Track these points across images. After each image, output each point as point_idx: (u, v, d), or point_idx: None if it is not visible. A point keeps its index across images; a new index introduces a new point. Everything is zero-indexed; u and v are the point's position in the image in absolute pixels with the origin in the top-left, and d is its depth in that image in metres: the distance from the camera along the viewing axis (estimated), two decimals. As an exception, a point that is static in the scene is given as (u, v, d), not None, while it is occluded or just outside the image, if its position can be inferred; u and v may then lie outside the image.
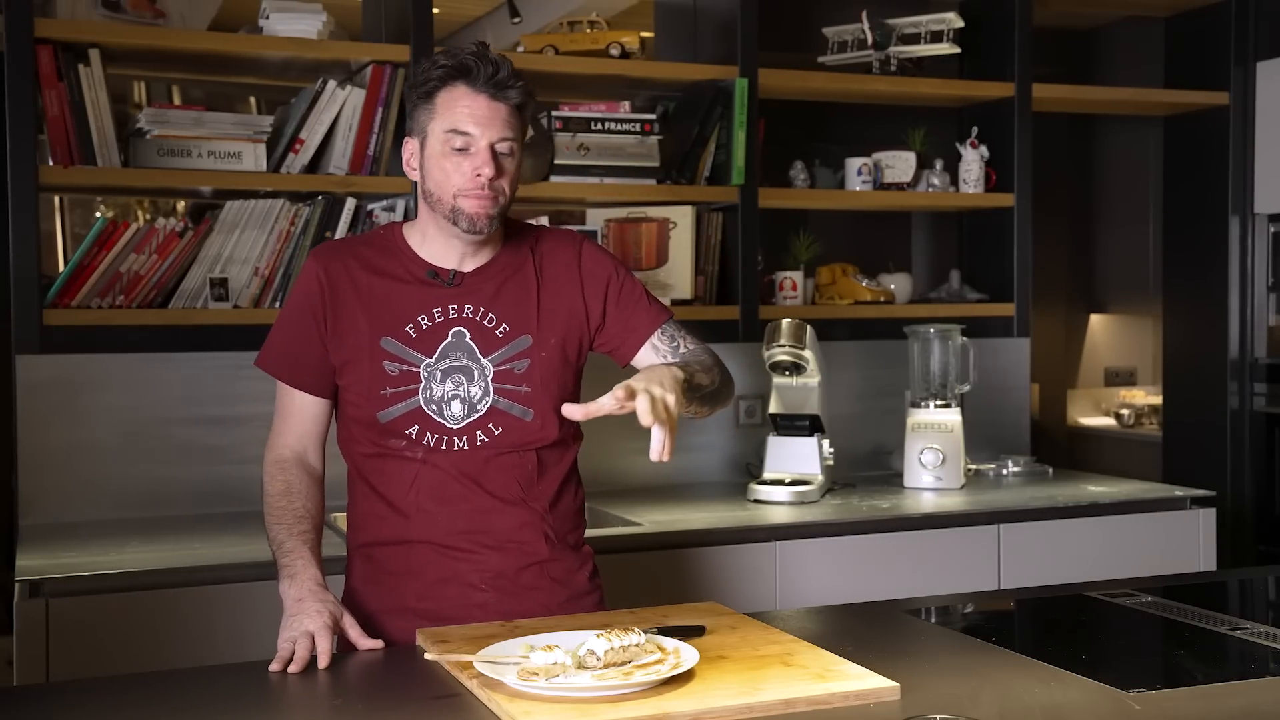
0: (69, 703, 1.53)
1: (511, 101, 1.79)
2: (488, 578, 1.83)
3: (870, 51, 3.52)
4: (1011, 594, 2.33)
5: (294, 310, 1.89)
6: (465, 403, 1.83)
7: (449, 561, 1.83)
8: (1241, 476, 3.95)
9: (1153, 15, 4.18)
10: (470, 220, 1.79)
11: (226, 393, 2.91)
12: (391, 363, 1.82)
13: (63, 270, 2.84)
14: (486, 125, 1.77)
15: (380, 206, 3.07)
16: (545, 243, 1.93)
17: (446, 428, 1.82)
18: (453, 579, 1.83)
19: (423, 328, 1.84)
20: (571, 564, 1.90)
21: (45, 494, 2.77)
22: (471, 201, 1.78)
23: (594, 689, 1.40)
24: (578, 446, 1.95)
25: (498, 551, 1.84)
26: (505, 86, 1.78)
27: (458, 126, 1.77)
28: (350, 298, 1.85)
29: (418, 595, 1.83)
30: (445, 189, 1.79)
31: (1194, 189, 4.07)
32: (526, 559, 1.85)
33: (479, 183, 1.77)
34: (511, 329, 1.85)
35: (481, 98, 1.77)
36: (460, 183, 1.78)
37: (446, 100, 1.78)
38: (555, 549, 1.88)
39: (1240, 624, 1.79)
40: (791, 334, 3.05)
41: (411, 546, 1.84)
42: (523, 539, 1.85)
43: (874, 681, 1.47)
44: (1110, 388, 5.21)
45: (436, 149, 1.79)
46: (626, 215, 3.28)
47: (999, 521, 2.93)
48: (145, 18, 2.89)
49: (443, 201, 1.80)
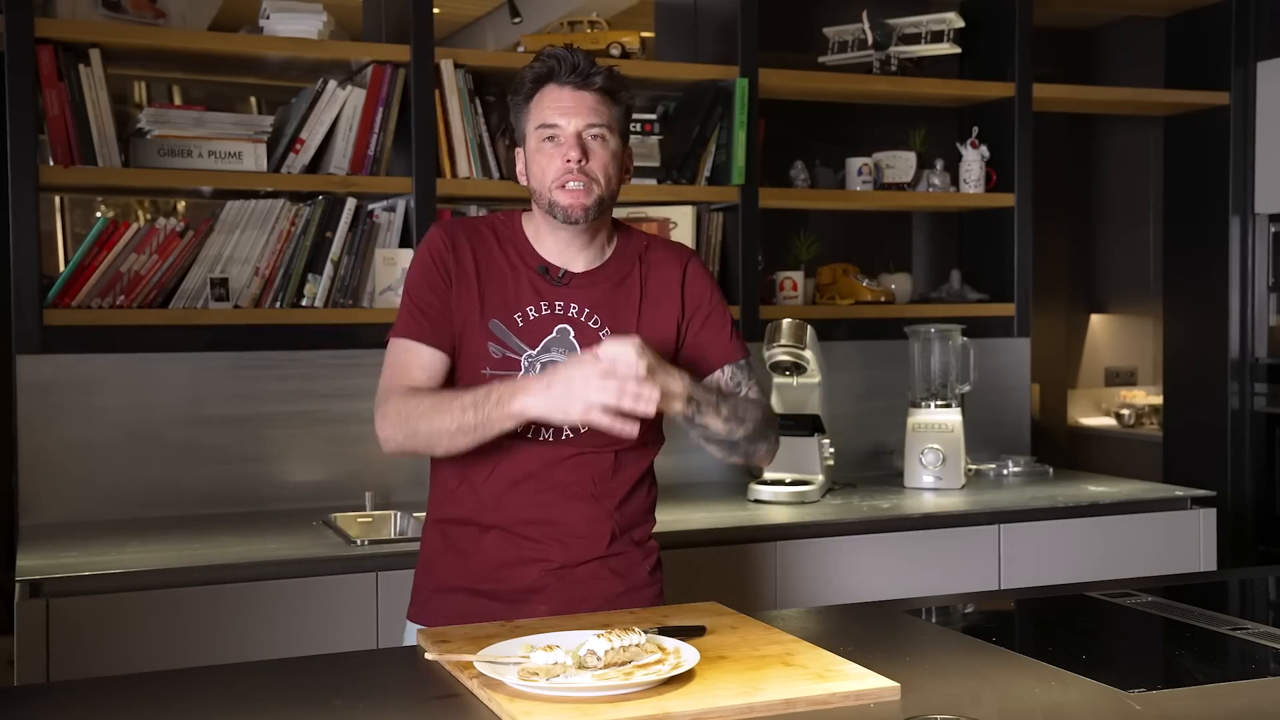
0: (69, 703, 1.53)
1: (595, 87, 1.85)
2: (552, 567, 1.87)
3: (871, 51, 3.52)
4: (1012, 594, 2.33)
5: (421, 273, 1.89)
6: None
7: (516, 548, 1.87)
8: (1242, 476, 3.95)
9: (1153, 15, 4.18)
10: (566, 211, 1.84)
11: (227, 393, 2.91)
12: (496, 345, 1.87)
13: (63, 270, 2.84)
14: (572, 114, 1.84)
15: (381, 206, 3.07)
16: (655, 252, 1.98)
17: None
18: (517, 564, 1.87)
19: (530, 318, 1.88)
20: (634, 558, 1.94)
21: (46, 494, 2.77)
22: (565, 194, 1.83)
23: (594, 689, 1.40)
24: (657, 449, 1.99)
25: (563, 543, 1.88)
26: (588, 74, 1.84)
27: (546, 119, 1.84)
28: (469, 271, 1.88)
29: (483, 577, 1.88)
30: (543, 183, 1.85)
31: (1194, 189, 4.07)
32: (590, 552, 1.89)
33: (569, 168, 1.82)
34: (613, 332, 1.89)
35: (566, 90, 1.84)
36: (554, 173, 1.84)
37: (538, 101, 1.86)
38: (618, 544, 1.92)
39: (1241, 624, 1.79)
40: (792, 334, 3.05)
41: (484, 530, 1.88)
42: (589, 533, 1.89)
43: (874, 681, 1.47)
44: (1111, 388, 5.21)
45: (533, 146, 1.87)
46: (627, 215, 3.28)
47: (999, 521, 2.93)
48: (146, 18, 2.89)
49: (542, 195, 1.86)
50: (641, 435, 1.87)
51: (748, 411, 1.91)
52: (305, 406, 2.96)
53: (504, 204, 3.04)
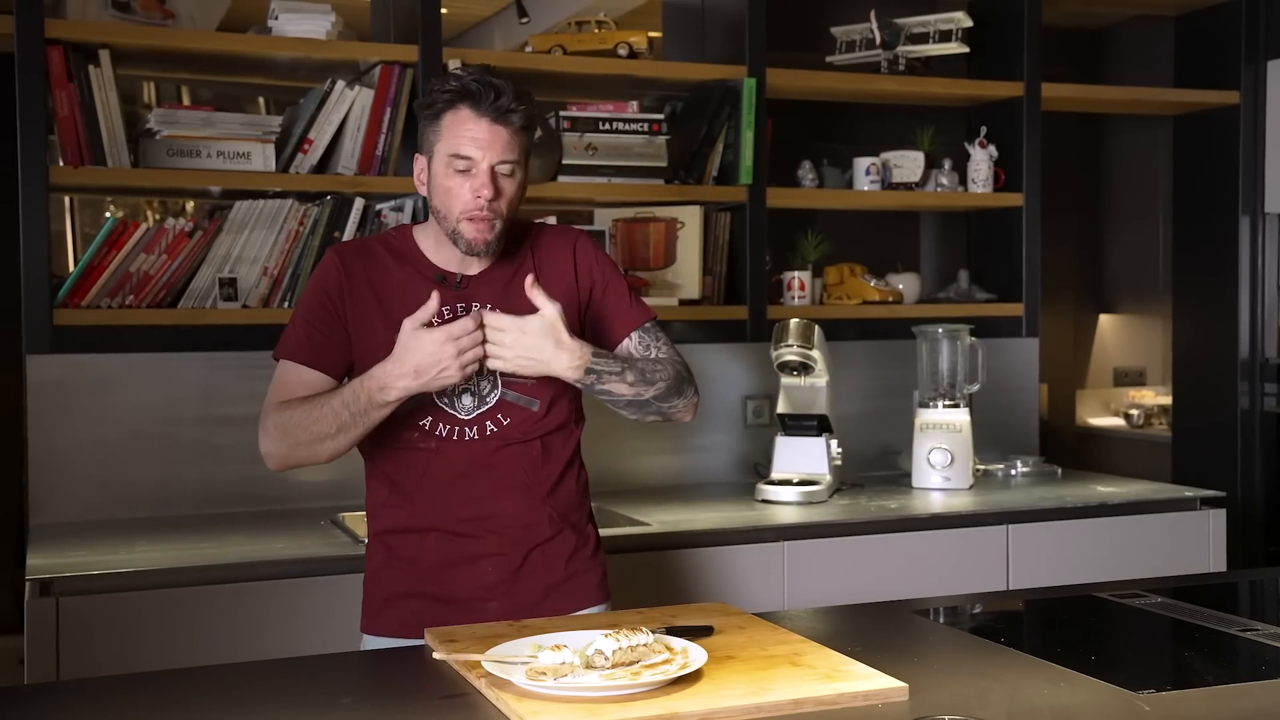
0: (79, 701, 1.53)
1: (514, 126, 1.86)
2: (493, 560, 1.91)
3: (878, 51, 3.52)
4: (1020, 594, 2.33)
5: (313, 298, 1.94)
6: (475, 395, 1.91)
7: (457, 546, 1.91)
8: (1252, 477, 3.94)
9: (1162, 14, 4.17)
10: (469, 244, 1.87)
11: (236, 392, 2.91)
12: None
13: (73, 270, 2.84)
14: (487, 149, 1.84)
15: (389, 206, 3.07)
16: (543, 239, 2.01)
17: (458, 419, 1.90)
18: (460, 562, 1.91)
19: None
20: (573, 542, 1.97)
21: (55, 493, 2.78)
22: (471, 226, 1.86)
23: (602, 689, 1.40)
24: (580, 430, 2.02)
25: (502, 535, 1.92)
26: (507, 111, 1.85)
27: (460, 150, 1.85)
28: (367, 294, 1.92)
29: (428, 579, 1.92)
30: (449, 210, 1.87)
31: (1204, 188, 4.06)
32: (530, 541, 1.93)
33: (479, 204, 1.84)
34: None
35: (484, 122, 1.84)
36: (462, 205, 1.85)
37: (451, 123, 1.85)
38: (556, 529, 1.95)
39: (1251, 625, 1.79)
40: (799, 334, 3.05)
41: (423, 534, 1.92)
42: (526, 522, 1.93)
43: (882, 682, 1.46)
44: (1119, 388, 5.19)
45: (440, 170, 1.87)
46: (634, 215, 3.29)
47: (1008, 522, 2.93)
48: (155, 18, 2.90)
49: (447, 220, 1.88)
50: (561, 415, 1.95)
51: (657, 372, 1.93)
52: (313, 406, 2.96)
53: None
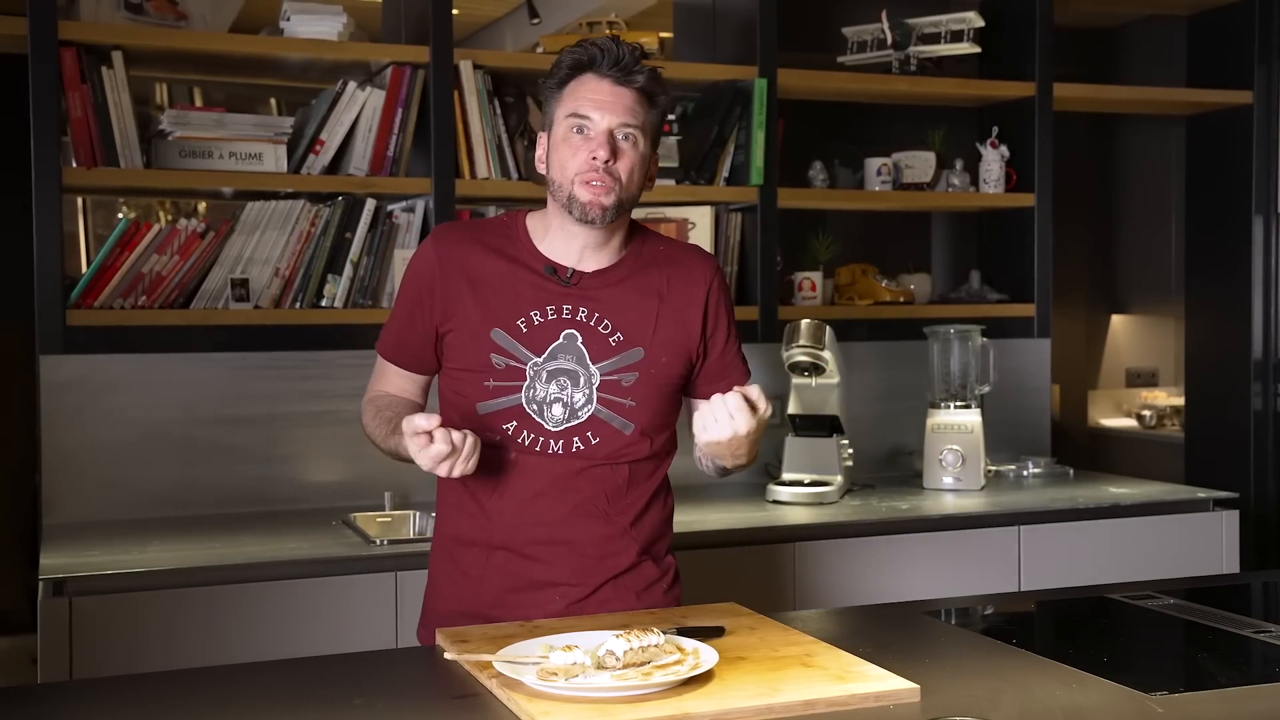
0: (91, 700, 1.54)
1: (636, 85, 1.77)
2: (561, 590, 1.81)
3: (890, 51, 3.51)
4: (1032, 595, 2.32)
5: (405, 292, 1.88)
6: (567, 407, 1.79)
7: (526, 570, 1.81)
8: (1265, 478, 3.92)
9: (1175, 14, 4.15)
10: (584, 208, 1.75)
11: (248, 393, 2.92)
12: (499, 355, 1.79)
13: (86, 271, 2.86)
14: (607, 109, 1.75)
15: (400, 207, 3.08)
16: (675, 255, 1.89)
17: (545, 429, 1.79)
18: (527, 587, 1.81)
19: (534, 324, 1.80)
20: (651, 575, 1.87)
21: (69, 493, 2.79)
22: (586, 189, 1.75)
23: (613, 689, 1.40)
24: (670, 460, 1.91)
25: (575, 564, 1.81)
26: (630, 71, 1.76)
27: (578, 110, 1.76)
28: (462, 283, 1.81)
29: (493, 603, 1.82)
30: (564, 174, 1.77)
31: (1216, 189, 4.05)
32: (606, 572, 1.83)
33: (594, 165, 1.74)
34: (626, 339, 1.81)
35: (605, 83, 1.76)
36: (577, 167, 1.75)
37: (573, 89, 1.77)
38: (636, 561, 1.85)
39: (1264, 627, 1.78)
40: (810, 334, 3.04)
41: (492, 551, 1.82)
42: (603, 552, 1.82)
43: (894, 683, 1.46)
44: (1132, 388, 5.18)
45: (559, 135, 1.78)
46: (645, 215, 3.28)
47: (1019, 523, 2.92)
48: (167, 20, 2.91)
49: (561, 187, 1.77)
50: (657, 444, 1.84)
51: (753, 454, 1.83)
52: (325, 406, 2.97)
53: (523, 205, 3.03)
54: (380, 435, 1.86)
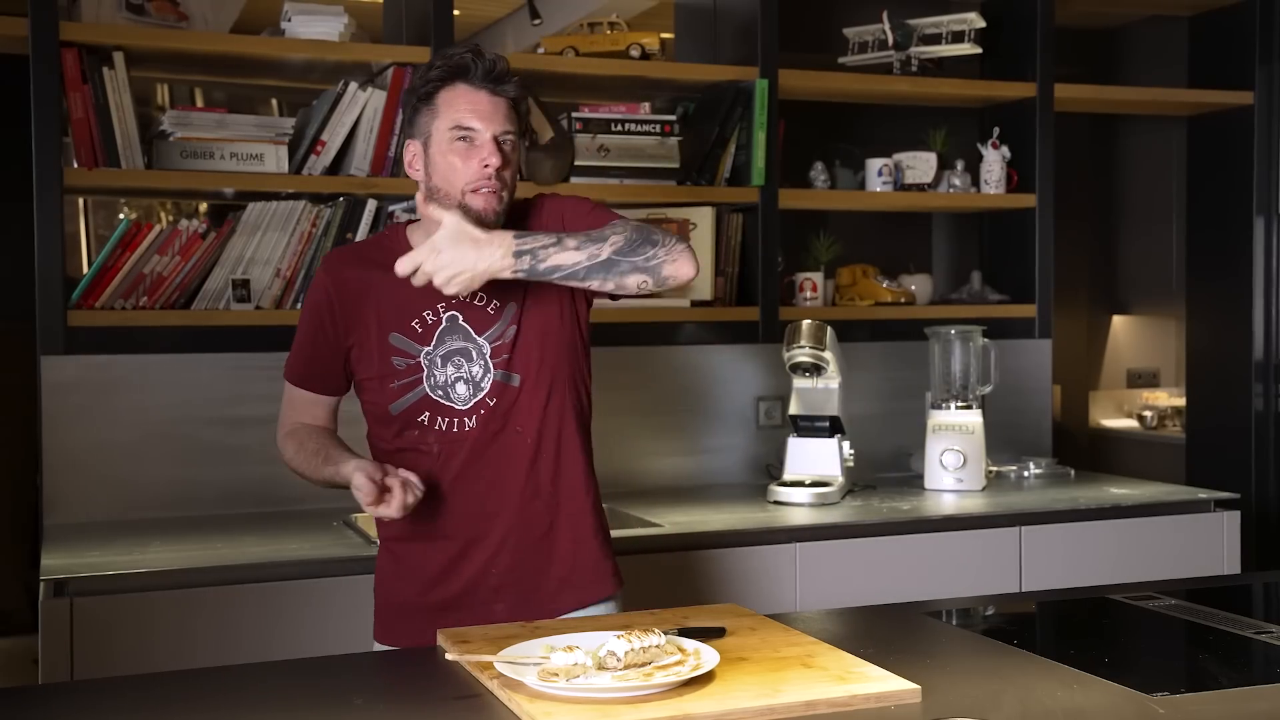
0: (93, 702, 1.54)
1: (509, 95, 1.86)
2: (495, 561, 1.89)
3: (891, 52, 3.51)
4: (1033, 596, 2.32)
5: (306, 318, 1.98)
6: (469, 383, 1.88)
7: (459, 550, 1.90)
8: (1266, 479, 3.92)
9: (1176, 14, 4.15)
10: (480, 215, 1.83)
11: (248, 393, 2.92)
12: (398, 357, 1.89)
13: (87, 272, 2.86)
14: (489, 119, 1.84)
15: (401, 207, 3.08)
16: (522, 210, 1.96)
17: (455, 409, 1.88)
18: (463, 566, 1.90)
19: (427, 321, 1.89)
20: (577, 532, 1.94)
21: (69, 494, 2.79)
22: (479, 197, 1.84)
23: (614, 690, 1.40)
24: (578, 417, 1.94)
25: (502, 535, 1.89)
26: (502, 81, 1.86)
27: (461, 122, 1.84)
28: (360, 301, 1.91)
29: (434, 587, 1.91)
30: (453, 184, 1.85)
31: (1218, 189, 4.05)
32: (530, 537, 1.90)
33: (486, 173, 1.83)
34: (501, 303, 1.89)
35: (482, 93, 1.85)
36: (468, 176, 1.84)
37: (448, 99, 1.85)
38: (561, 523, 1.92)
39: (1265, 627, 1.78)
40: (812, 335, 3.04)
41: (428, 541, 1.91)
42: (524, 519, 1.90)
43: (895, 684, 1.46)
44: (1133, 389, 5.17)
45: (442, 146, 1.85)
46: (646, 216, 3.28)
47: (1020, 524, 2.92)
48: (168, 20, 2.91)
49: (451, 196, 1.85)
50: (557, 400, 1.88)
51: (606, 231, 1.80)
52: (326, 407, 2.97)
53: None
54: (310, 468, 1.93)
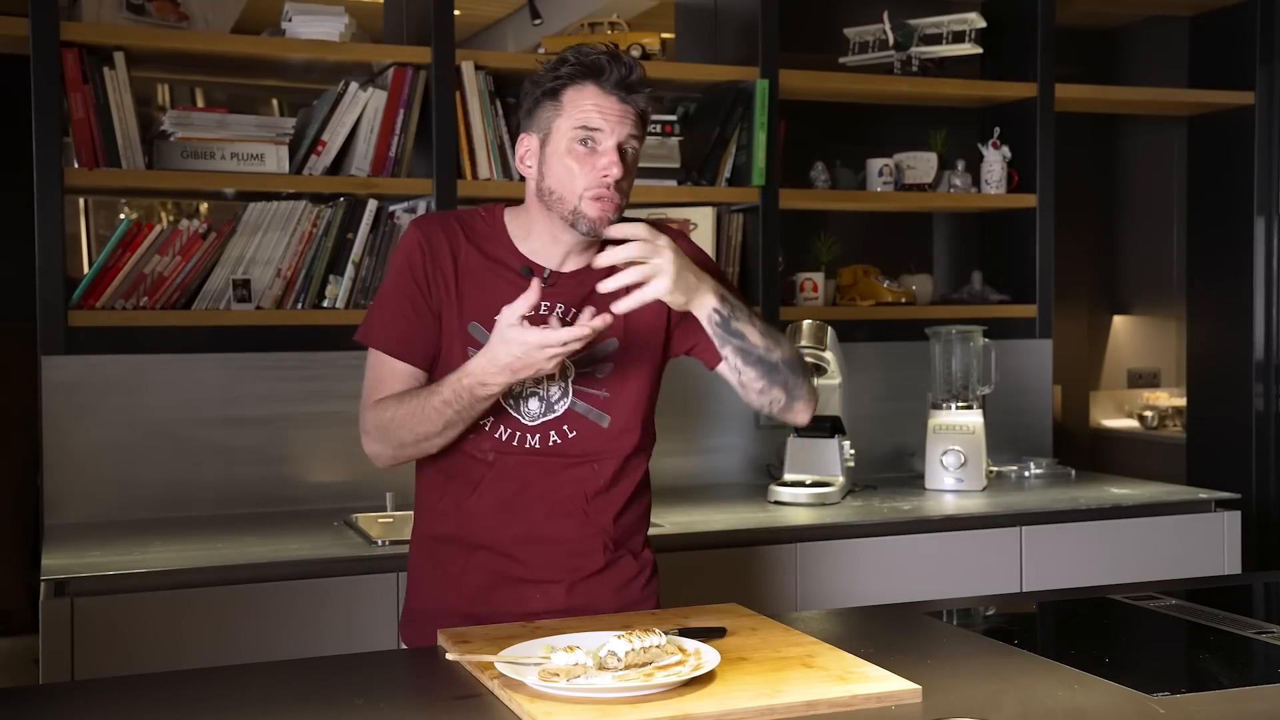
0: (93, 701, 1.54)
1: (638, 106, 1.76)
2: (540, 587, 1.82)
3: (892, 52, 3.51)
4: (1034, 596, 2.32)
5: (397, 281, 1.81)
6: (543, 401, 1.79)
7: (505, 568, 1.82)
8: (1267, 479, 3.92)
9: (1177, 14, 4.15)
10: (592, 224, 1.75)
11: (249, 393, 2.92)
12: (475, 349, 1.75)
13: (87, 272, 2.86)
14: (616, 124, 1.74)
15: (402, 208, 3.08)
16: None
17: (521, 423, 1.79)
18: (507, 585, 1.82)
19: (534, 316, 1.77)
20: (629, 571, 1.88)
21: (70, 494, 2.79)
22: (595, 205, 1.74)
23: (615, 690, 1.40)
24: (648, 455, 1.91)
25: (553, 562, 1.82)
26: (635, 90, 1.75)
27: (588, 124, 1.74)
28: (447, 273, 1.80)
29: (473, 600, 1.82)
30: (570, 188, 1.75)
31: (1219, 189, 4.05)
32: (582, 571, 1.83)
33: (605, 182, 1.73)
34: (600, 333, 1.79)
35: (612, 98, 1.74)
36: (586, 182, 1.74)
37: (575, 98, 1.75)
38: (613, 558, 1.86)
39: (1266, 627, 1.78)
40: (812, 335, 3.04)
41: (473, 550, 1.83)
42: (581, 550, 1.83)
43: (895, 684, 1.46)
44: (1133, 389, 5.17)
45: (561, 146, 1.75)
46: (647, 216, 3.27)
47: (1021, 524, 2.92)
48: (169, 21, 2.91)
49: (565, 201, 1.76)
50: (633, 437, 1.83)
51: (781, 338, 1.82)
52: (327, 407, 2.97)
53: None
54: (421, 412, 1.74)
